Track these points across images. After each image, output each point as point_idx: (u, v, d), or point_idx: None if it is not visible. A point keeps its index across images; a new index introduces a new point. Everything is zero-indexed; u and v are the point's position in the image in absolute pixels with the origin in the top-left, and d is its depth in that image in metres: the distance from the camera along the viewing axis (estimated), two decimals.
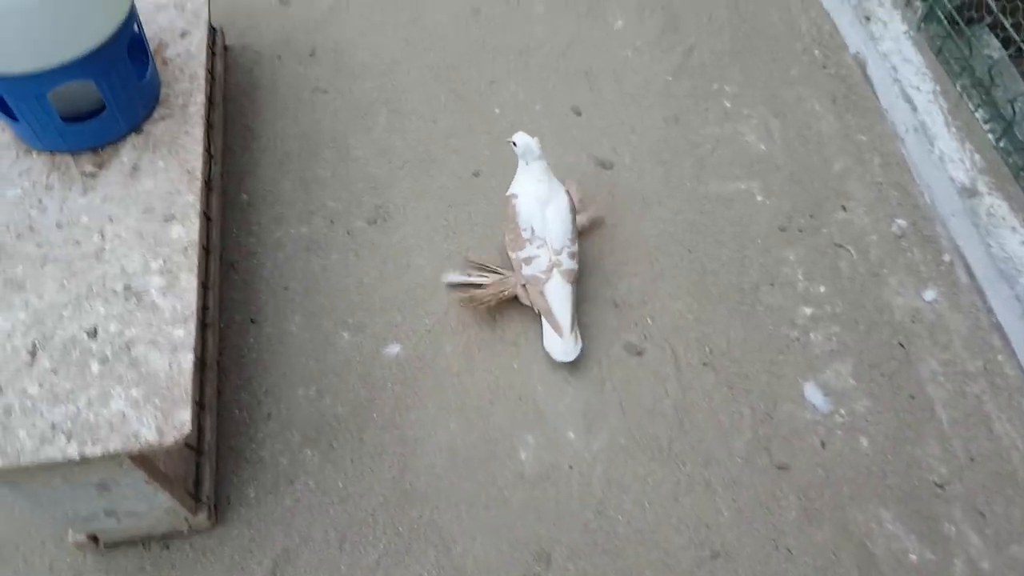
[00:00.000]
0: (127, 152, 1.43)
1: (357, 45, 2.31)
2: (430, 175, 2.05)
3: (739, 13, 2.41)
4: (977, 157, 1.94)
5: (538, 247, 1.70)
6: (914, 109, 2.04)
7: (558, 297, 1.68)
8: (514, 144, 1.74)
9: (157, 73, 1.50)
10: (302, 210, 1.98)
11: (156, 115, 1.48)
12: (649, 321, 1.79)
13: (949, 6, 2.04)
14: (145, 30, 1.47)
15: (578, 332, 1.70)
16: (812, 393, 1.71)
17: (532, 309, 1.73)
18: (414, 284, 1.86)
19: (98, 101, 1.39)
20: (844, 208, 2.00)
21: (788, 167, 2.07)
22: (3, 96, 1.30)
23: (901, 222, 1.97)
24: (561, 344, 1.68)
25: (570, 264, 1.71)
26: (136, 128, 1.45)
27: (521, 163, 1.76)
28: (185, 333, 1.21)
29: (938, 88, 2.07)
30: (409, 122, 2.16)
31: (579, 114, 2.18)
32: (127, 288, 1.25)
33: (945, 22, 2.07)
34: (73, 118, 1.38)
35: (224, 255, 1.87)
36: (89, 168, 1.40)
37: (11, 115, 1.35)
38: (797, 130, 2.14)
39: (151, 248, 1.30)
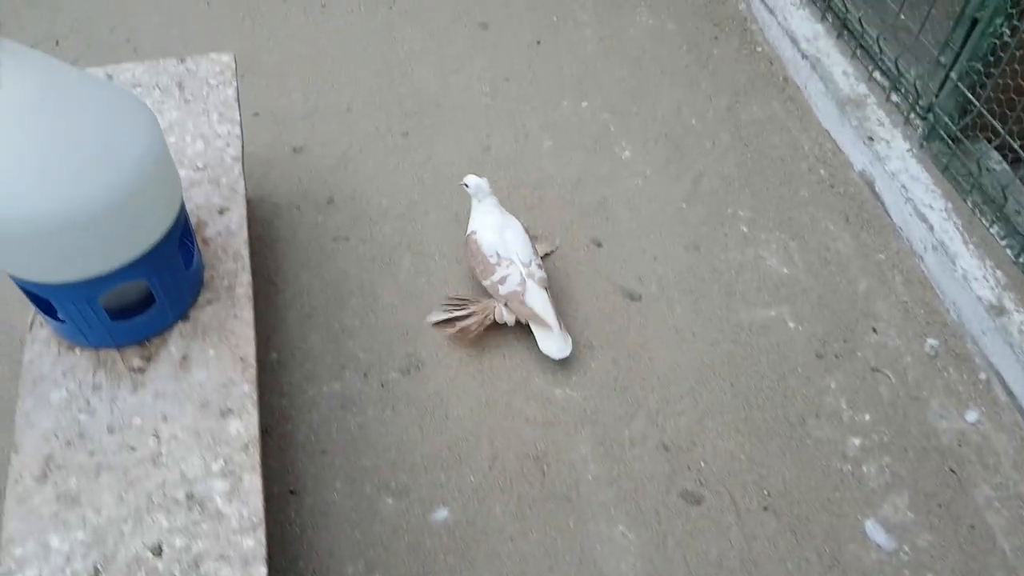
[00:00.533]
0: (175, 342, 1.39)
1: (373, 190, 2.32)
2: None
3: (741, 138, 2.48)
4: (999, 274, 1.98)
5: (507, 266, 1.91)
6: (930, 228, 2.08)
7: (539, 301, 1.88)
8: (466, 186, 2.00)
9: (201, 255, 1.48)
10: (333, 364, 1.94)
11: (202, 299, 1.45)
12: (702, 464, 1.76)
13: (953, 127, 2.12)
14: None
15: (565, 329, 1.90)
16: (874, 530, 1.68)
17: (512, 330, 1.95)
18: (455, 438, 1.81)
19: (144, 291, 1.36)
20: (875, 330, 2.01)
21: (814, 290, 2.08)
22: (50, 301, 1.27)
23: (933, 341, 1.99)
24: (554, 341, 1.87)
25: (540, 273, 1.94)
26: (183, 315, 1.42)
27: (474, 202, 2.01)
28: (255, 543, 1.15)
29: (950, 205, 2.12)
30: (433, 263, 2.16)
31: (600, 245, 2.19)
32: (189, 496, 1.20)
33: (948, 140, 2.15)
34: (118, 309, 1.35)
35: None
36: (137, 362, 1.35)
37: (55, 316, 1.31)
38: (816, 252, 2.17)
39: (210, 448, 1.25)
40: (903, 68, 2.30)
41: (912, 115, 2.30)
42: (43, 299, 1.28)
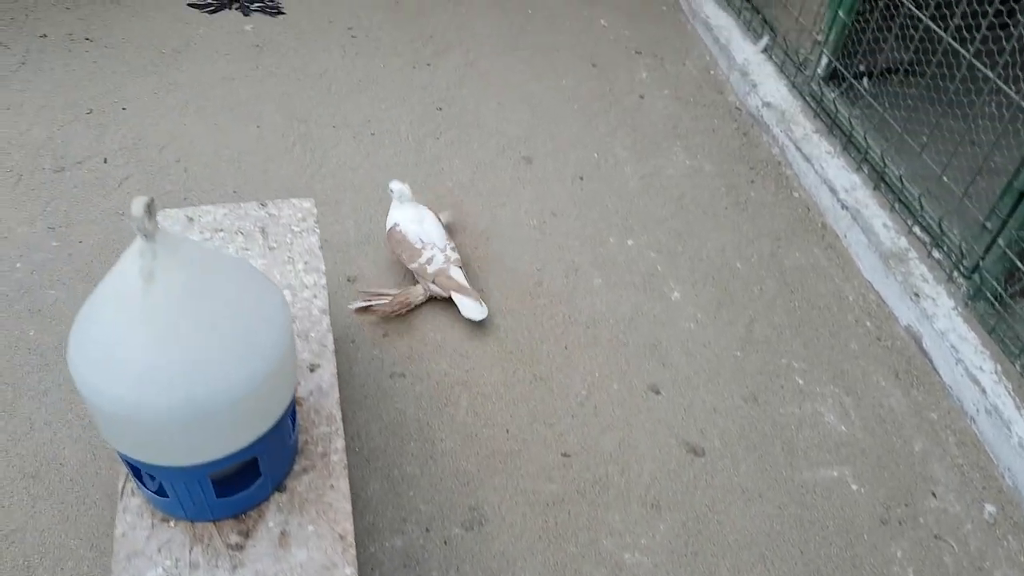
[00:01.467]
0: (272, 515, 1.34)
1: (427, 323, 2.31)
2: (518, 465, 2.00)
3: (787, 284, 2.53)
4: None
5: (431, 249, 2.32)
6: (982, 391, 2.12)
7: (459, 275, 2.30)
8: (391, 190, 2.38)
9: (297, 419, 1.45)
10: (394, 517, 1.88)
11: (298, 467, 1.41)
12: None
13: (1000, 290, 2.18)
14: None
15: (480, 298, 2.30)
16: None
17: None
18: None
19: (244, 462, 1.32)
20: (934, 494, 2.01)
21: (873, 450, 2.09)
22: (160, 480, 1.22)
23: (991, 508, 1.99)
24: (474, 305, 2.27)
25: (455, 255, 2.36)
26: (279, 485, 1.37)
27: (395, 202, 2.39)
28: None
29: (1000, 368, 2.17)
30: (490, 406, 2.13)
31: (658, 393, 2.19)
32: None
33: (994, 302, 2.21)
34: (216, 481, 1.30)
35: None
36: (234, 538, 1.30)
37: (152, 487, 1.26)
38: (871, 408, 2.20)
39: None
40: (946, 228, 2.38)
41: (956, 274, 2.37)
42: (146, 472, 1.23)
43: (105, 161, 2.72)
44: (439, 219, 2.43)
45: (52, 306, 2.25)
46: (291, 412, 1.34)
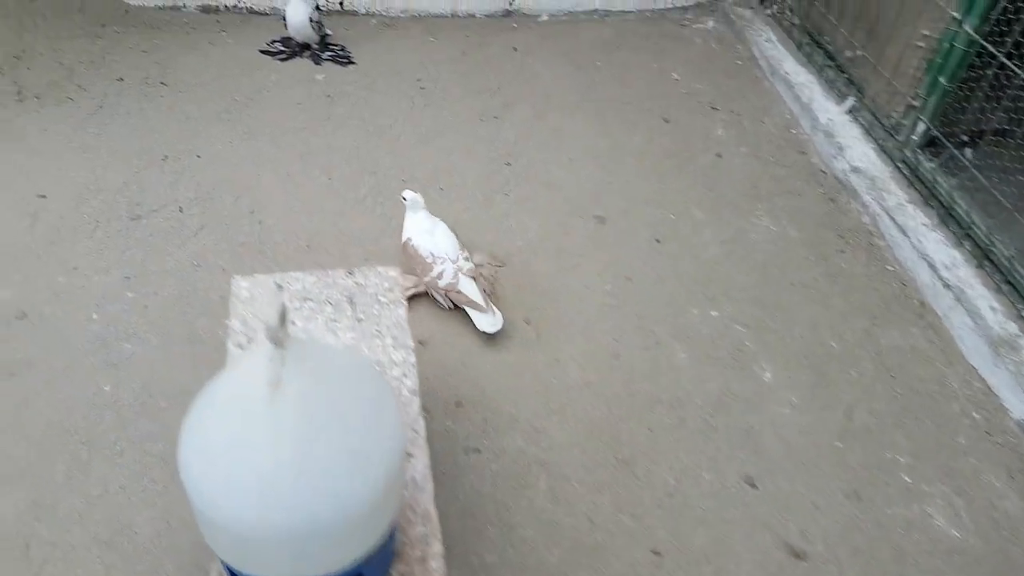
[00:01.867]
0: None
1: (500, 394, 2.20)
2: (605, 561, 1.86)
3: (886, 367, 2.37)
4: None
5: (441, 263, 2.33)
6: None
7: (470, 289, 2.30)
8: (404, 199, 2.38)
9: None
10: None
11: (395, 571, 1.29)
12: None
13: None
14: None
15: (495, 307, 2.30)
16: None
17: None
18: None
19: None
20: None
21: (989, 561, 1.92)
22: None
23: None
24: (486, 318, 2.26)
25: (468, 265, 2.37)
26: None
27: (409, 212, 2.39)
28: None
29: None
30: (572, 490, 2.00)
31: (754, 486, 2.04)
32: None
33: None
34: None
35: None
36: None
37: None
38: (984, 512, 2.02)
39: None
40: None
41: None
42: None
43: (180, 210, 2.67)
44: (451, 229, 2.43)
45: (128, 360, 2.19)
46: None
